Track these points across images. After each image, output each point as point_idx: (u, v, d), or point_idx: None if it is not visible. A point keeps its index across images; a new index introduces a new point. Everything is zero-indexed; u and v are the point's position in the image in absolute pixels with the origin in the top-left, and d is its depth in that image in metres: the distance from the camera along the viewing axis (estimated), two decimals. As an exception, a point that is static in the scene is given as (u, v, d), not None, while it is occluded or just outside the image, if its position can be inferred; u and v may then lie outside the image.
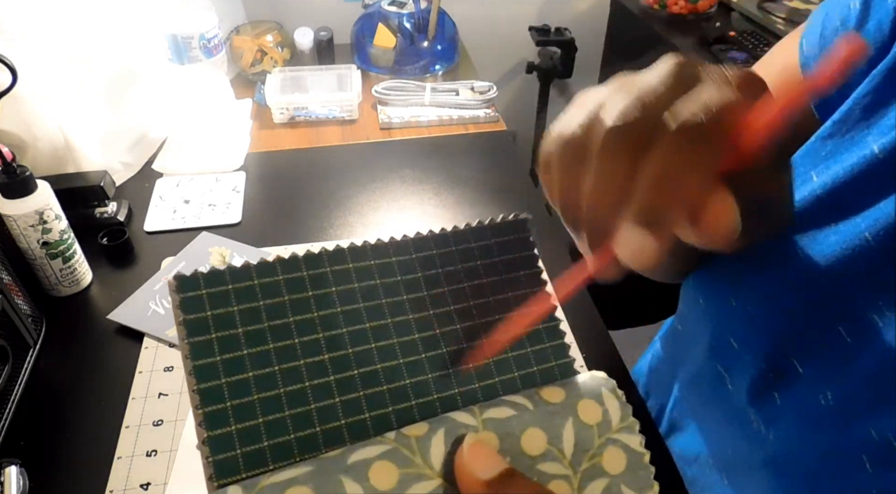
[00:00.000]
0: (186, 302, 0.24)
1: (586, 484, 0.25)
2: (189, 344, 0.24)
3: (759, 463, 0.38)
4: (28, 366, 0.63)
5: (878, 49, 0.34)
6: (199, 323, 0.24)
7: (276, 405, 0.24)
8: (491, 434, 0.25)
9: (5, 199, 0.64)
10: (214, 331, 0.24)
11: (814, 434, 0.34)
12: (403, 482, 0.23)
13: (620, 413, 0.27)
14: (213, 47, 1.01)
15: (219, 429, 0.23)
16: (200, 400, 0.23)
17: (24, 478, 0.53)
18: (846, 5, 0.37)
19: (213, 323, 0.24)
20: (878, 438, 0.30)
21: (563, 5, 1.52)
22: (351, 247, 0.27)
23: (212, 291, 0.25)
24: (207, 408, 0.23)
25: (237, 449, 0.23)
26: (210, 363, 0.24)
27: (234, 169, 0.93)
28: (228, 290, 0.25)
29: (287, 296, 0.26)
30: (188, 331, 0.24)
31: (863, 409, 0.31)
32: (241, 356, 0.24)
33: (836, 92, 0.37)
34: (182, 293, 0.24)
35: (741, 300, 0.38)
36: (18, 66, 0.59)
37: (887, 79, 0.32)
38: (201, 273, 0.25)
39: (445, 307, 0.27)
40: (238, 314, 0.25)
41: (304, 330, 0.25)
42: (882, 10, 0.34)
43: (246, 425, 0.23)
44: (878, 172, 0.31)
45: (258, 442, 0.23)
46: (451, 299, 0.28)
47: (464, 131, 1.05)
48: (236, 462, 0.23)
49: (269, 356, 0.25)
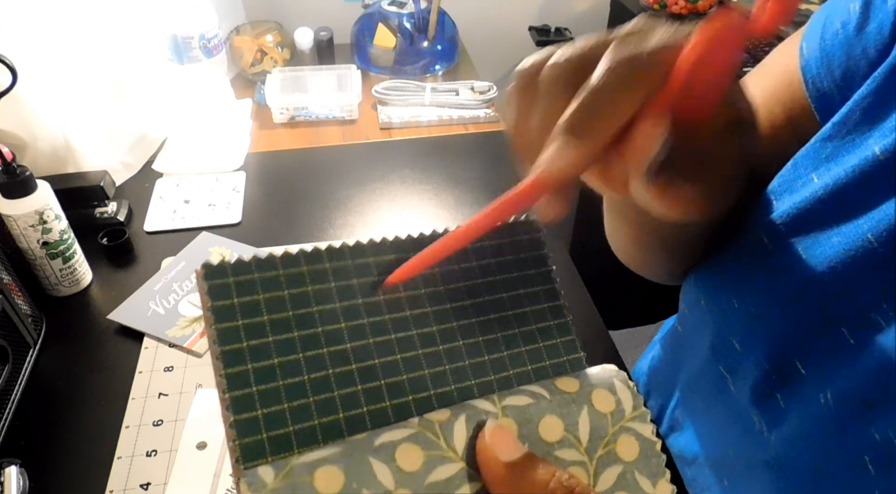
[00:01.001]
0: (214, 289, 0.25)
1: (602, 471, 0.26)
2: (216, 329, 0.24)
3: (761, 464, 0.38)
4: (28, 366, 0.63)
5: (878, 51, 0.34)
6: (225, 309, 0.25)
7: (300, 391, 0.25)
8: (510, 421, 0.25)
9: (5, 199, 0.64)
10: (241, 318, 0.25)
11: (816, 435, 0.34)
12: (428, 464, 0.24)
13: (633, 403, 0.28)
14: (213, 47, 1.01)
15: (245, 414, 0.24)
16: (227, 385, 0.24)
17: (24, 478, 0.53)
18: (846, 8, 0.37)
19: (239, 311, 0.25)
20: (880, 439, 0.30)
21: (563, 5, 1.52)
22: (370, 242, 0.28)
23: (238, 280, 0.25)
24: (234, 393, 0.24)
25: (263, 434, 0.23)
26: (236, 349, 0.24)
27: (234, 169, 0.93)
28: (254, 279, 0.26)
29: (310, 287, 0.26)
30: (215, 318, 0.25)
31: (865, 410, 0.31)
32: (267, 342, 0.25)
33: (837, 94, 0.37)
34: (209, 280, 0.25)
35: (743, 301, 0.38)
36: (18, 66, 0.59)
37: (888, 81, 0.32)
38: (228, 262, 0.26)
39: (462, 301, 0.29)
40: (263, 302, 0.25)
41: (326, 319, 0.26)
42: (882, 12, 0.34)
43: (271, 410, 0.24)
44: (879, 174, 0.31)
45: (283, 427, 0.24)
46: (466, 295, 0.29)
47: (464, 131, 1.05)
48: (262, 445, 0.23)
49: (293, 343, 0.25)
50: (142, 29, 0.94)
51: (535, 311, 0.30)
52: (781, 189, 0.37)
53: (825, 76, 0.37)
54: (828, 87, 0.37)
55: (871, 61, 0.35)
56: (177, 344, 0.66)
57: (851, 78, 0.36)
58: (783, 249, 0.35)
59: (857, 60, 0.35)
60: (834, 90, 0.37)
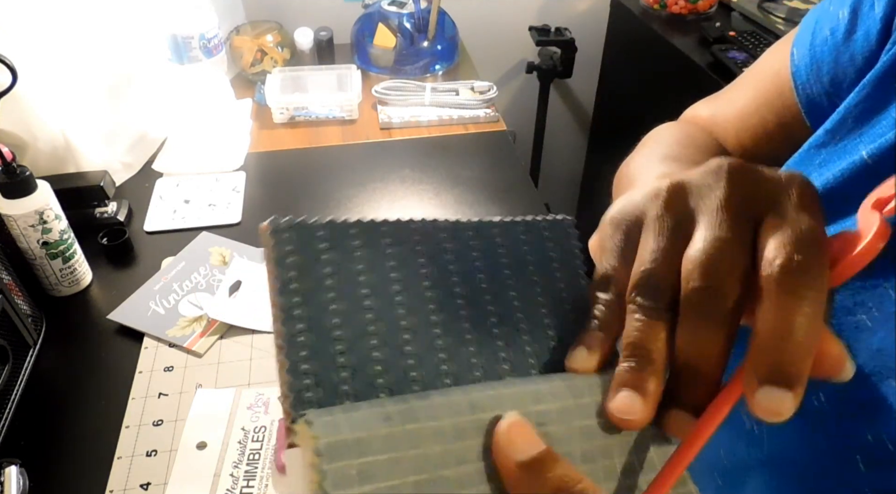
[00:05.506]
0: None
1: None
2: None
3: (754, 464, 0.38)
4: (28, 366, 0.63)
5: (865, 58, 0.34)
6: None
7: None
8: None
9: (5, 199, 0.64)
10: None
11: (808, 434, 0.34)
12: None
13: None
14: (213, 47, 1.01)
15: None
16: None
17: (24, 478, 0.53)
18: (835, 15, 0.37)
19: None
20: (871, 438, 0.30)
21: (563, 5, 1.52)
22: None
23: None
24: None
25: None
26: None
27: (234, 169, 0.93)
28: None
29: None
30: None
31: (856, 409, 0.31)
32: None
33: (826, 100, 0.37)
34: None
35: None
36: (18, 66, 0.59)
37: (876, 88, 0.32)
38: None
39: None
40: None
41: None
42: (870, 19, 0.34)
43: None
44: (868, 178, 0.31)
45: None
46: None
47: (464, 131, 1.05)
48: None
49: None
50: (142, 29, 0.94)
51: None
52: None
53: (814, 83, 0.37)
54: (817, 94, 0.37)
55: (859, 68, 0.35)
56: (177, 344, 0.66)
57: (839, 85, 0.36)
58: None
59: (844, 67, 0.36)
60: (823, 97, 0.37)
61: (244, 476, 0.55)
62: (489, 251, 0.29)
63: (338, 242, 0.26)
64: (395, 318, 0.26)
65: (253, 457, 0.56)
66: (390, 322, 0.26)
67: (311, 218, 0.26)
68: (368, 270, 0.26)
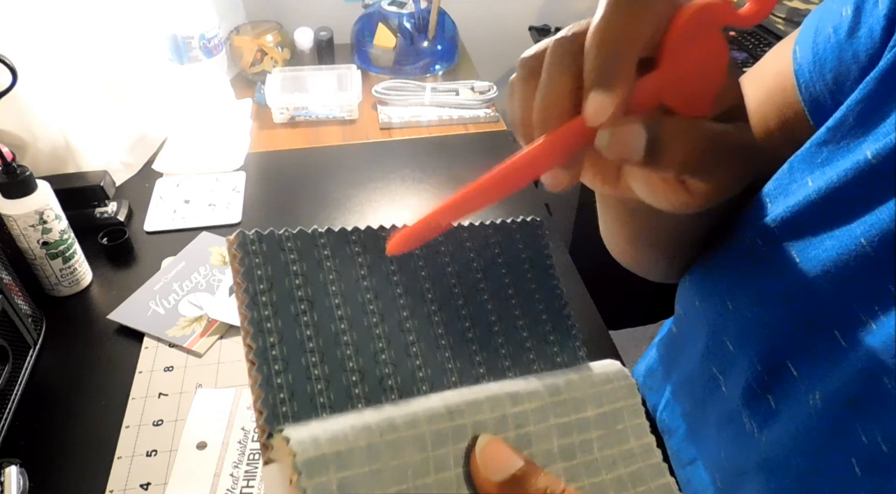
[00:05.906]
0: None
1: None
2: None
3: (752, 466, 0.38)
4: (28, 366, 0.63)
5: (869, 56, 0.34)
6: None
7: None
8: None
9: (5, 199, 0.64)
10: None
11: (806, 436, 0.34)
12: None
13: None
14: (213, 47, 1.01)
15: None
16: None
17: (24, 478, 0.53)
18: (838, 13, 0.37)
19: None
20: (867, 441, 0.30)
21: (563, 5, 1.52)
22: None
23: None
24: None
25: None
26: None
27: (234, 169, 0.93)
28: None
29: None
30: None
31: (852, 412, 0.31)
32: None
33: (829, 98, 0.37)
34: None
35: (737, 302, 0.38)
36: (18, 66, 0.59)
37: (880, 86, 0.32)
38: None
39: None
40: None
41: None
42: (873, 17, 0.34)
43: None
44: (872, 178, 0.31)
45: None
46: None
47: (464, 131, 1.05)
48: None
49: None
50: (142, 29, 0.94)
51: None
52: (776, 192, 0.37)
53: (817, 80, 0.37)
54: (820, 92, 0.37)
55: (863, 66, 0.35)
56: (177, 344, 0.66)
57: (843, 82, 0.36)
58: (777, 252, 0.35)
59: (848, 65, 0.36)
60: (826, 94, 0.37)
61: (244, 476, 0.55)
62: (459, 254, 0.29)
63: (307, 253, 0.26)
64: (367, 326, 0.26)
65: (253, 457, 0.56)
66: (363, 330, 0.26)
67: (278, 229, 0.26)
68: (339, 279, 0.26)
